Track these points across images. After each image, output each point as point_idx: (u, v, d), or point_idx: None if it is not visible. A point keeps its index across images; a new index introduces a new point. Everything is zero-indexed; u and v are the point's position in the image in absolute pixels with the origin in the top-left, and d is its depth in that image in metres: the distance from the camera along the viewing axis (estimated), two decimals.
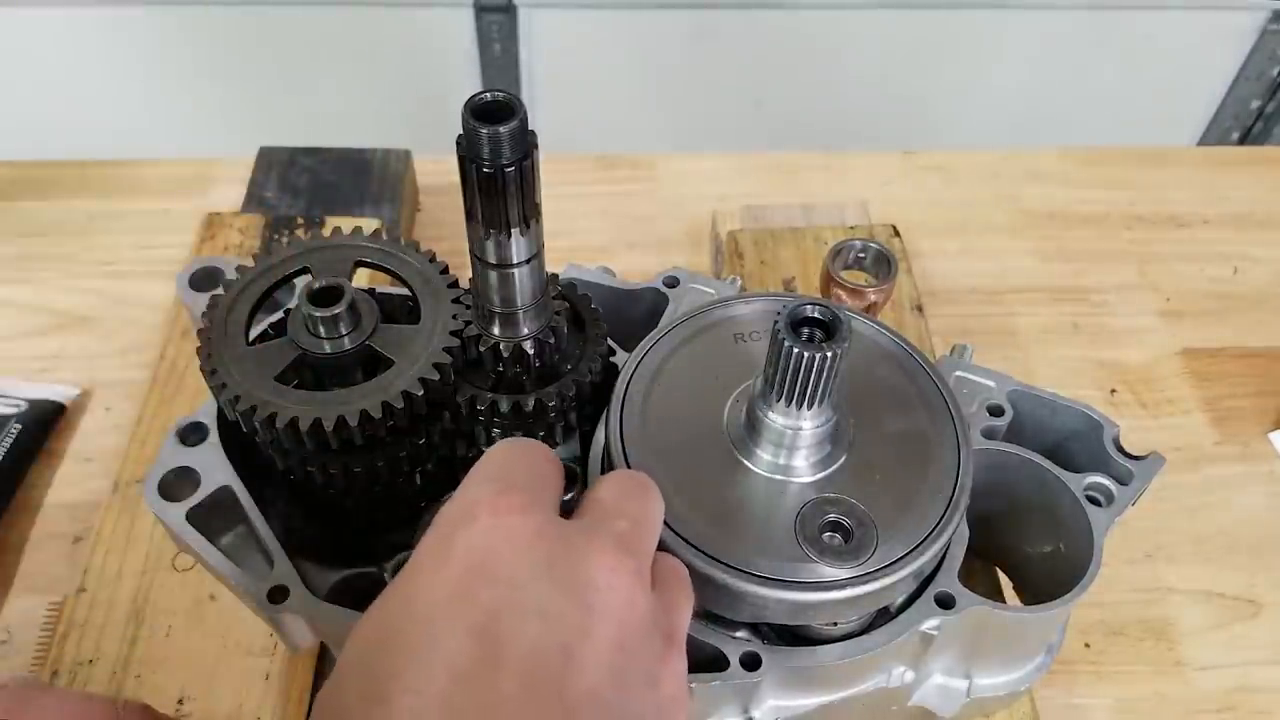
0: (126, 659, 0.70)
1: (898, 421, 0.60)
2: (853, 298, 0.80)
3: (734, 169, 1.15)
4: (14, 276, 1.00)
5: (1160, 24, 1.87)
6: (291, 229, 0.98)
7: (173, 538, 0.59)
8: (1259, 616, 0.81)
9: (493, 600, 0.39)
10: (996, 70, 1.92)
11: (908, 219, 1.05)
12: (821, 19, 1.83)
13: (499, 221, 0.51)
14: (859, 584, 0.53)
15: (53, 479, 0.85)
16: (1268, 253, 1.08)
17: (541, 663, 0.38)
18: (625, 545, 0.43)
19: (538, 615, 0.39)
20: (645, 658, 0.42)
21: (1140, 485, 0.63)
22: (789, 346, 0.51)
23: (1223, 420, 0.93)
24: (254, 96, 1.86)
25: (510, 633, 0.38)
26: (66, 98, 1.84)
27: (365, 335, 0.57)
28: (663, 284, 0.70)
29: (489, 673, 0.37)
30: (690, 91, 1.93)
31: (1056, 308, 1.02)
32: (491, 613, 0.39)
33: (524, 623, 0.39)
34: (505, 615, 0.39)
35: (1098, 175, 1.15)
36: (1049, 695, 0.75)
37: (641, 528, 0.46)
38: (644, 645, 0.42)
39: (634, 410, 0.60)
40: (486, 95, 0.47)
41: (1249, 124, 2.02)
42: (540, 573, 0.40)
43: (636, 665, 0.41)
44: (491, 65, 1.84)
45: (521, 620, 0.39)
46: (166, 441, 0.60)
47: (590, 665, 0.39)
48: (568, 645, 0.39)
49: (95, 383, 0.91)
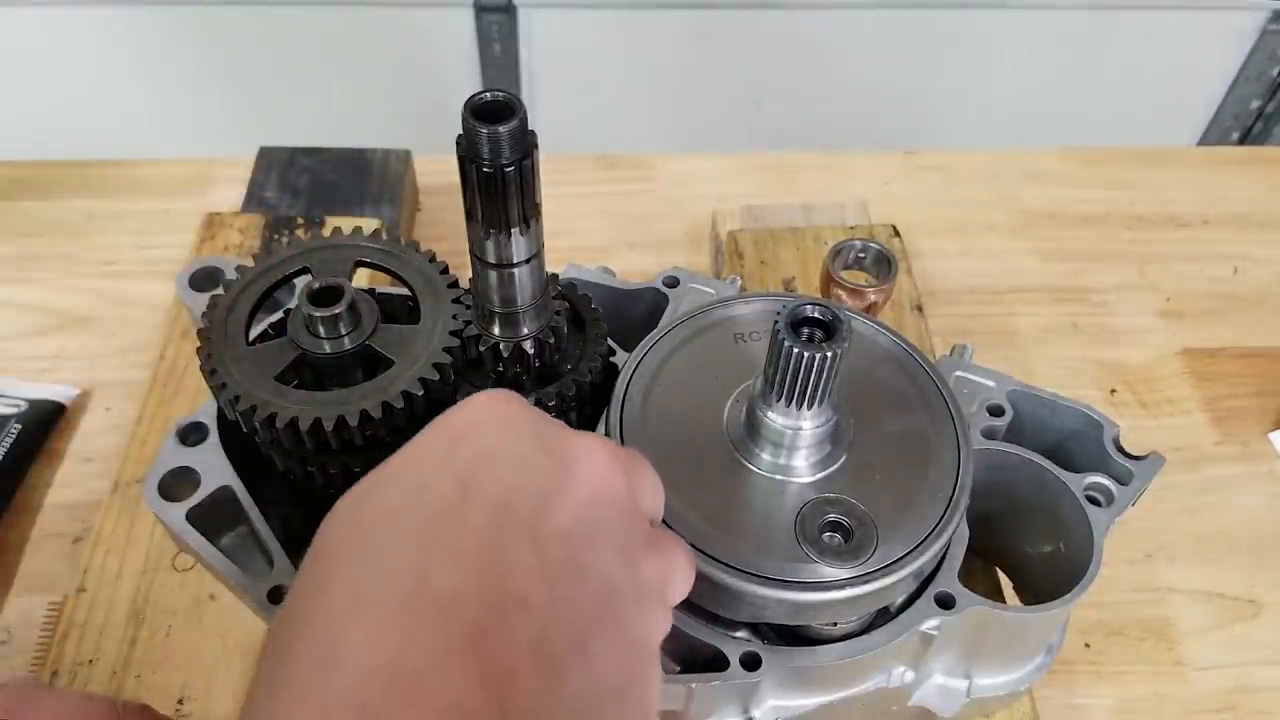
0: (126, 659, 0.70)
1: (898, 421, 0.60)
2: (853, 298, 0.80)
3: (734, 169, 1.15)
4: (14, 276, 1.00)
5: (1160, 24, 1.87)
6: (291, 229, 0.98)
7: (173, 538, 0.59)
8: (1259, 616, 0.81)
9: (476, 454, 0.41)
10: (996, 70, 1.92)
11: (908, 219, 1.05)
12: (821, 19, 1.83)
13: (499, 221, 0.51)
14: (859, 584, 0.53)
15: (53, 479, 0.85)
16: (1268, 253, 1.08)
17: (514, 501, 0.40)
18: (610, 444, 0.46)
19: (517, 463, 0.41)
20: (622, 530, 0.43)
21: (1140, 485, 0.63)
22: (789, 346, 0.51)
23: (1223, 420, 0.93)
24: (254, 96, 1.86)
25: (487, 475, 0.40)
26: (66, 98, 1.84)
27: (365, 335, 0.57)
28: (663, 284, 0.70)
29: (462, 508, 0.39)
30: (690, 91, 1.93)
31: (1056, 308, 1.02)
32: (472, 462, 0.41)
33: (502, 468, 0.41)
34: (485, 463, 0.41)
35: (1098, 175, 1.15)
36: (1049, 695, 0.75)
37: (632, 457, 0.48)
38: (621, 520, 0.43)
39: (634, 410, 0.60)
40: (486, 95, 0.48)
41: (1249, 124, 2.02)
42: (525, 438, 0.43)
43: (612, 531, 0.42)
44: (491, 65, 1.84)
45: (500, 466, 0.41)
46: (166, 441, 0.60)
47: (563, 511, 0.40)
48: (543, 491, 0.41)
49: (95, 383, 0.91)
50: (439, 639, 0.35)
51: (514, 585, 0.37)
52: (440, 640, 0.35)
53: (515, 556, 0.38)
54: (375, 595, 0.36)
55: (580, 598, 0.39)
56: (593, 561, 0.40)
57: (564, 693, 0.37)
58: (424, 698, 0.34)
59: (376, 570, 0.37)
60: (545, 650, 0.37)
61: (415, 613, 0.36)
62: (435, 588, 0.36)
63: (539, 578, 0.38)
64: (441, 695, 0.34)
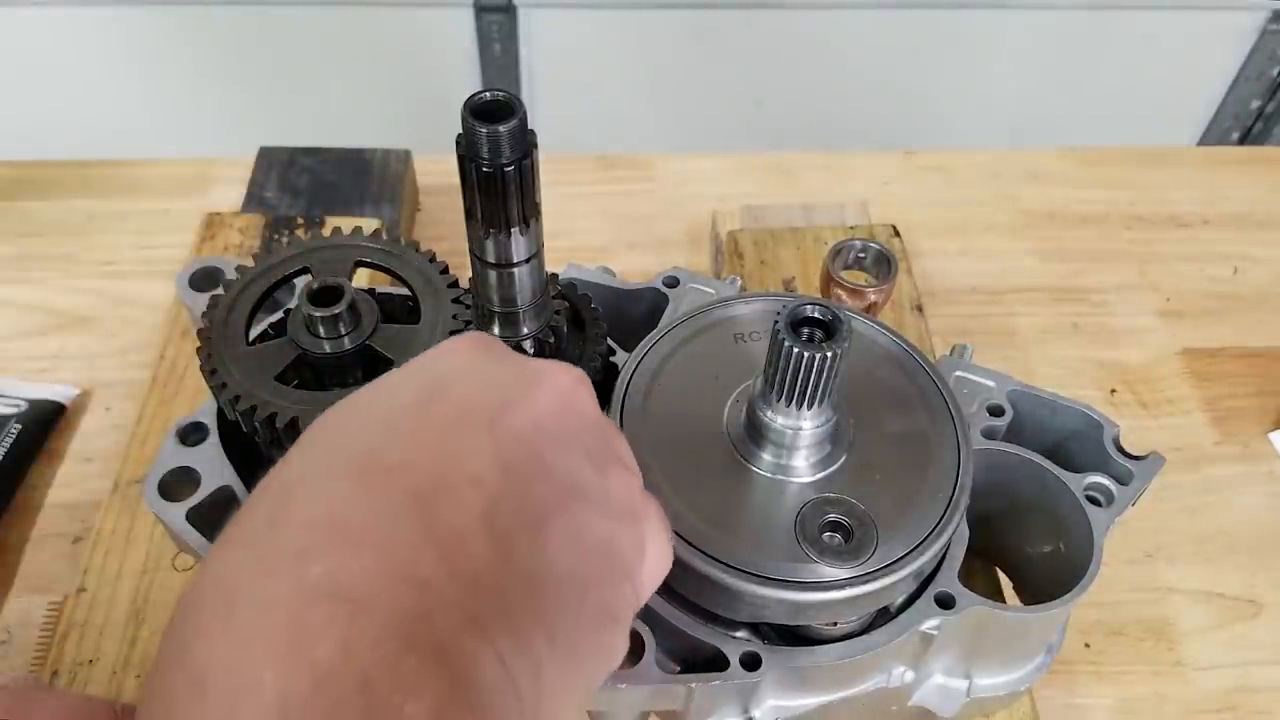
0: (126, 659, 0.70)
1: (898, 421, 0.60)
2: (853, 298, 0.80)
3: (734, 169, 1.15)
4: (14, 276, 1.00)
5: (1160, 24, 1.87)
6: (291, 229, 0.98)
7: (173, 538, 0.59)
8: (1259, 616, 0.81)
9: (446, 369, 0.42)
10: (996, 70, 1.92)
11: (908, 219, 1.05)
12: (821, 19, 1.83)
13: (499, 221, 0.51)
14: (859, 584, 0.53)
15: (53, 479, 0.85)
16: (1268, 253, 1.08)
17: (478, 403, 0.40)
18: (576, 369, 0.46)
19: (482, 376, 0.42)
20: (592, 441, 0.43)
21: (1140, 485, 0.63)
22: (789, 346, 0.51)
23: (1223, 420, 0.93)
24: (254, 96, 1.86)
25: (453, 382, 0.41)
26: (66, 98, 1.84)
27: (365, 335, 0.57)
28: (663, 284, 0.70)
29: (424, 405, 0.39)
30: (690, 91, 1.93)
31: (1056, 308, 1.02)
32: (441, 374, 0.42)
33: (467, 378, 0.41)
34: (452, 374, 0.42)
35: (1098, 175, 1.15)
36: (1049, 695, 0.75)
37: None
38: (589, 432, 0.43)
39: (634, 410, 0.60)
40: (486, 95, 0.48)
41: (1249, 124, 2.02)
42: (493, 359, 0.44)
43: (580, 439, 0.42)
44: (491, 65, 1.84)
45: (466, 377, 0.41)
46: (166, 441, 0.60)
47: (526, 415, 0.41)
48: (508, 398, 0.41)
49: (95, 383, 0.91)
50: (386, 498, 0.35)
51: (468, 465, 0.37)
52: (387, 500, 0.35)
53: (471, 442, 0.38)
54: (327, 463, 0.37)
55: (539, 488, 0.39)
56: (556, 460, 0.40)
57: (514, 566, 0.36)
58: (366, 547, 0.33)
59: (331, 448, 0.38)
60: (497, 523, 0.36)
61: (364, 475, 0.36)
62: (385, 459, 0.37)
63: (495, 464, 0.38)
64: (385, 546, 0.34)
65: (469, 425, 0.39)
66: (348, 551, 0.33)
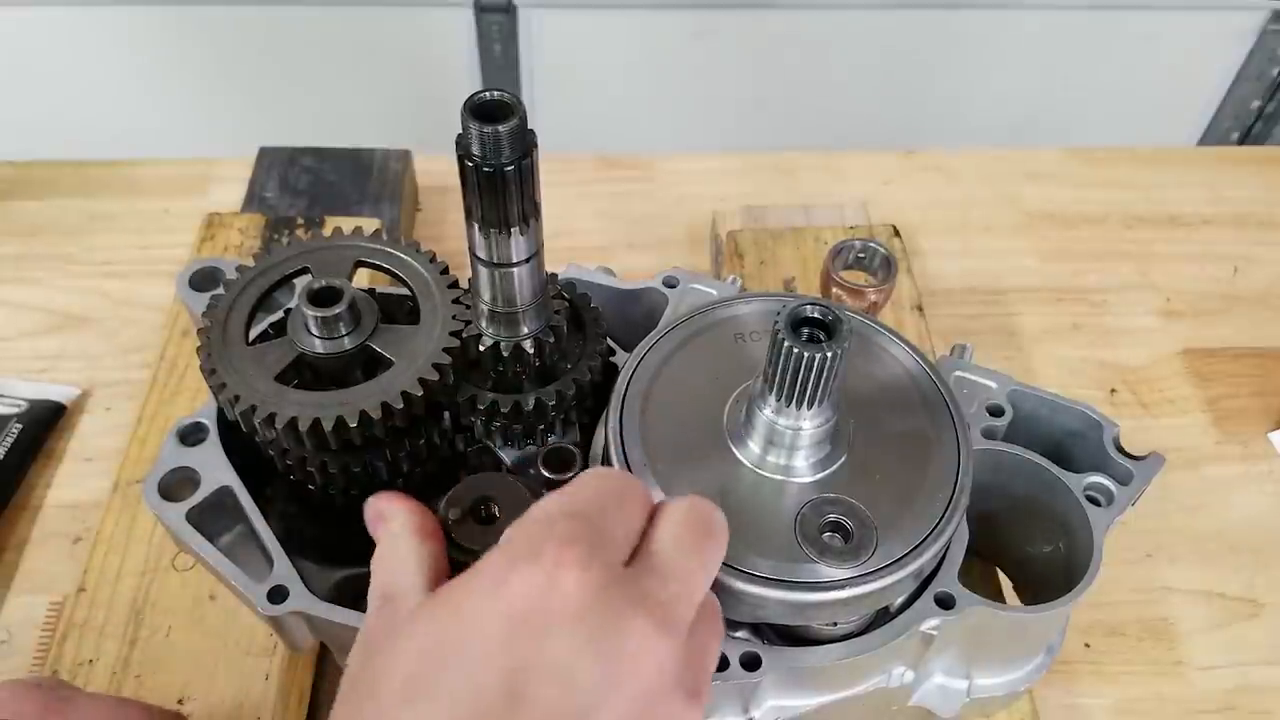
0: (126, 659, 0.70)
1: (898, 421, 0.60)
2: (853, 298, 0.80)
3: (734, 169, 1.15)
4: (14, 276, 1.00)
5: (1160, 24, 1.87)
6: (291, 229, 0.98)
7: (173, 538, 0.59)
8: (1259, 616, 0.81)
9: (528, 652, 0.41)
10: (996, 70, 1.92)
11: (908, 219, 1.05)
12: (821, 19, 1.83)
13: (498, 221, 0.51)
14: (859, 584, 0.53)
15: (53, 479, 0.85)
16: (1268, 253, 1.08)
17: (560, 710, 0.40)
18: (668, 614, 0.44)
19: (564, 676, 0.41)
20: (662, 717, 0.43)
21: (1140, 485, 0.63)
22: (789, 346, 0.51)
23: (1223, 420, 0.93)
24: (254, 96, 1.86)
25: (535, 688, 0.41)
26: (66, 98, 1.84)
27: (365, 335, 0.57)
28: (662, 284, 0.70)
29: (507, 716, 0.40)
30: (690, 91, 1.93)
31: (1056, 308, 1.02)
32: (523, 662, 0.41)
33: (549, 682, 0.41)
34: (534, 670, 0.41)
35: (1098, 175, 1.15)
36: (1049, 695, 0.75)
37: (691, 586, 0.46)
38: (664, 706, 0.43)
39: (634, 410, 0.60)
40: (486, 95, 0.48)
41: (1249, 124, 2.02)
42: (578, 634, 0.42)
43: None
44: (491, 65, 1.84)
45: (547, 678, 0.41)
46: (166, 441, 0.60)
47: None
48: (586, 708, 0.41)
49: (95, 383, 0.91)
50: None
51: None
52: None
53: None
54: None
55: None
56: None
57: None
58: None
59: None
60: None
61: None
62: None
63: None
64: None
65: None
66: None
